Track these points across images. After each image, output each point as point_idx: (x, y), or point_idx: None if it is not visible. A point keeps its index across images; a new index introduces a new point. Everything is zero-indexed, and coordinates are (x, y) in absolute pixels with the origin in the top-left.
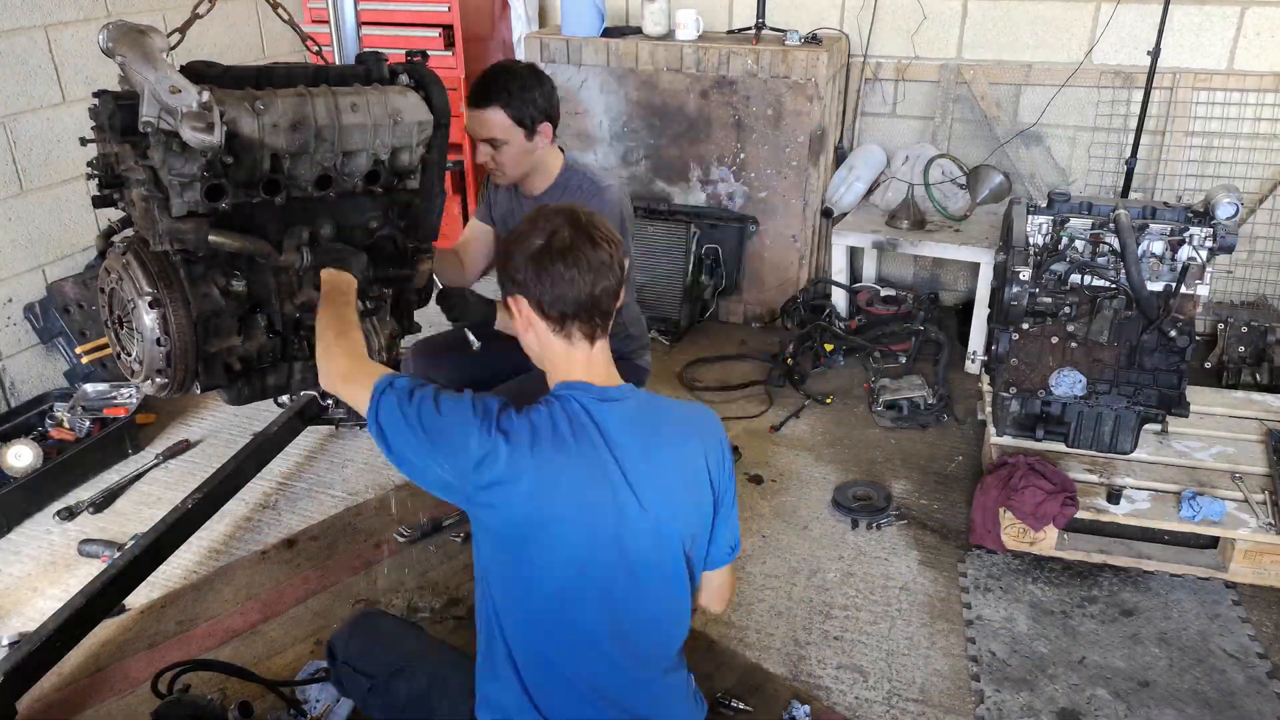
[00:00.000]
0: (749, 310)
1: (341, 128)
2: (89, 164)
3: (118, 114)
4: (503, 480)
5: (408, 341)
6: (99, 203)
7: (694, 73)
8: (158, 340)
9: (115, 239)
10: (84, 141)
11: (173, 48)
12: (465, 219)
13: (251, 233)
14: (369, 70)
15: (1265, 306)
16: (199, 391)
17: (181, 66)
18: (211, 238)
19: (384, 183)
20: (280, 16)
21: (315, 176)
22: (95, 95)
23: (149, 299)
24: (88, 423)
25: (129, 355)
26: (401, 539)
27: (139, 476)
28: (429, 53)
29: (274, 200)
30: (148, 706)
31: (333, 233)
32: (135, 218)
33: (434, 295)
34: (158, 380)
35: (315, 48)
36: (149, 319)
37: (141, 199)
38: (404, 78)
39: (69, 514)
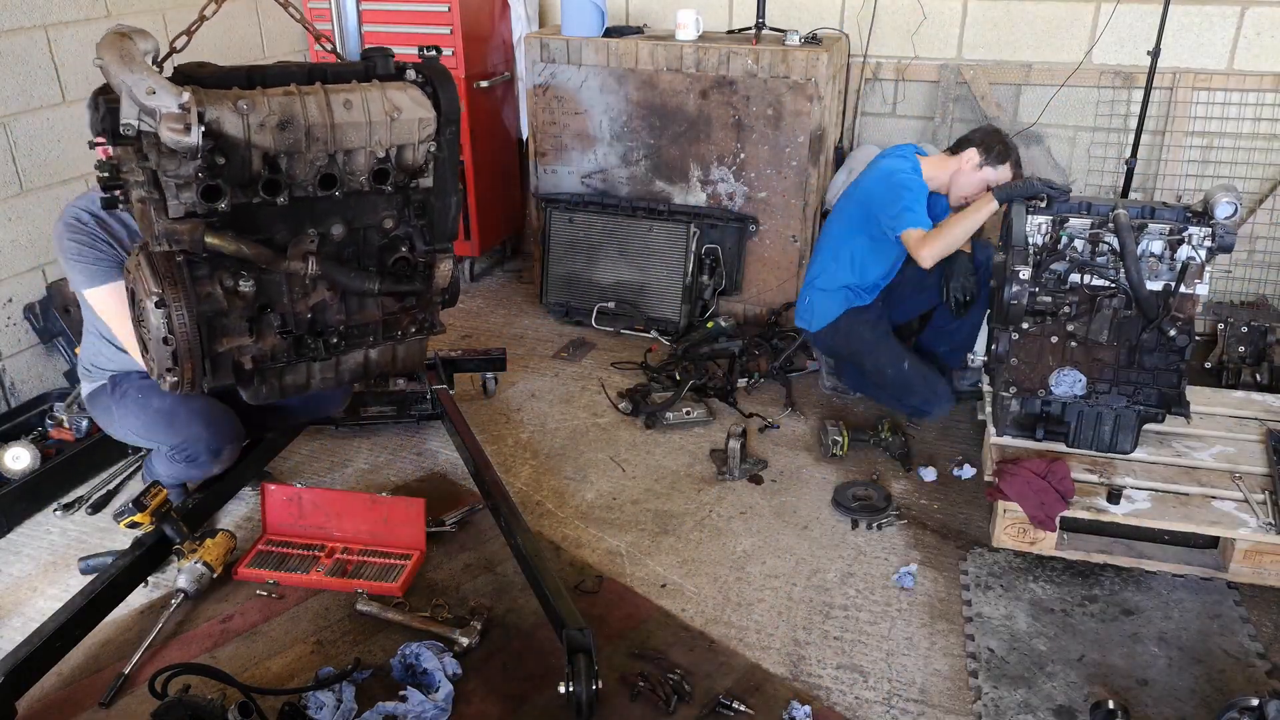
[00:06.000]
0: (749, 310)
1: (334, 125)
2: (96, 165)
3: (108, 117)
4: None
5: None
6: (107, 204)
7: (694, 73)
8: (164, 339)
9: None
10: (92, 145)
11: (179, 50)
12: (465, 218)
13: (258, 234)
14: (372, 67)
15: (1265, 306)
16: (205, 390)
17: (175, 68)
18: (208, 240)
19: (394, 181)
20: (291, 15)
21: (316, 176)
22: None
23: (155, 299)
24: (87, 423)
25: (148, 353)
26: None
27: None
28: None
29: (276, 201)
30: (148, 707)
31: (344, 233)
32: (136, 219)
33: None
34: (169, 379)
35: (330, 46)
36: (155, 318)
37: (139, 200)
38: (411, 73)
39: (72, 505)
